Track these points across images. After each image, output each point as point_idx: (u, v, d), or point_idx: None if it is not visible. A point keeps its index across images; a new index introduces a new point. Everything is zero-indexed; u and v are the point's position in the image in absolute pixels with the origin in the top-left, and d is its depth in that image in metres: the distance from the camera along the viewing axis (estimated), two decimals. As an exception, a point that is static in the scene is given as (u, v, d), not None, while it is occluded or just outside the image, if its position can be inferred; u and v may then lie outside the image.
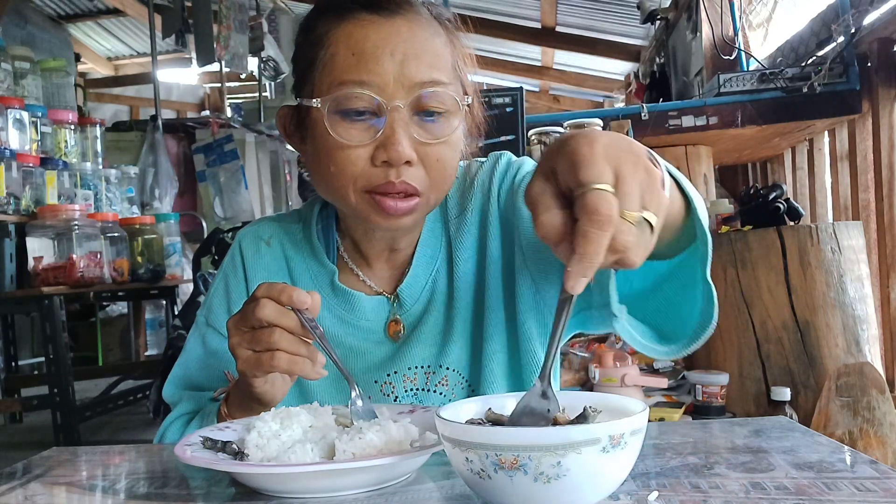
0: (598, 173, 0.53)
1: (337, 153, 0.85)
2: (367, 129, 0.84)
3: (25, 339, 5.32)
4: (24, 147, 3.65)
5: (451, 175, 0.90)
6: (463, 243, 0.99)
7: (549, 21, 5.99)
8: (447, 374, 0.96)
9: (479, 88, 0.97)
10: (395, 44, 0.84)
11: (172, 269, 4.28)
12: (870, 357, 2.21)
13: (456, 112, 0.87)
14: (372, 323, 0.97)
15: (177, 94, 8.89)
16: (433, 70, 0.85)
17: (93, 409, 3.77)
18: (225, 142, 5.23)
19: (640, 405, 0.59)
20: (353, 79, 0.83)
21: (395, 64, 0.83)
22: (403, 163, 0.84)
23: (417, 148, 0.85)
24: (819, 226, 2.24)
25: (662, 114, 2.89)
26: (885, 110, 2.54)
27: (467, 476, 0.57)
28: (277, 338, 0.75)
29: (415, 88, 0.84)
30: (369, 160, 0.85)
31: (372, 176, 0.85)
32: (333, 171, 0.86)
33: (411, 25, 0.86)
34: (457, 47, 0.92)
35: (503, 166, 1.00)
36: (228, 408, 0.87)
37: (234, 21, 5.29)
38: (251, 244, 1.02)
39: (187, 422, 0.96)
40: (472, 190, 1.00)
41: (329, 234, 1.01)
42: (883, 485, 0.59)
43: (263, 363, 0.76)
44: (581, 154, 0.54)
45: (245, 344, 0.77)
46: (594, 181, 0.53)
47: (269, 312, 0.75)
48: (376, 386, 0.96)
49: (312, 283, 0.99)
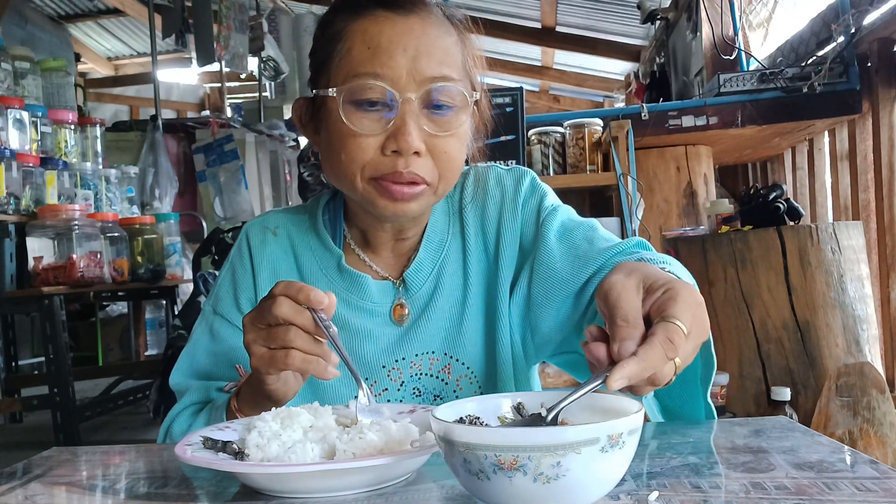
0: (681, 315, 0.64)
1: (349, 140, 0.88)
2: (379, 120, 0.88)
3: (25, 339, 5.32)
4: (24, 147, 3.66)
5: (457, 167, 0.93)
6: (475, 236, 1.02)
7: (550, 21, 5.99)
8: (451, 363, 0.99)
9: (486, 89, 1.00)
10: (409, 40, 0.87)
11: (172, 269, 4.28)
12: (870, 357, 2.21)
13: (464, 107, 0.91)
14: (378, 306, 0.99)
15: (177, 94, 8.89)
16: (444, 66, 0.89)
17: (93, 409, 3.78)
18: (225, 142, 5.22)
19: (636, 405, 0.60)
20: (367, 71, 0.87)
21: (408, 59, 0.87)
22: (412, 153, 0.87)
23: (426, 140, 0.88)
24: (819, 226, 2.24)
25: (662, 114, 2.89)
26: (885, 110, 2.54)
27: (465, 477, 0.57)
28: (293, 336, 0.76)
29: (426, 83, 0.87)
30: (379, 149, 0.88)
31: (380, 164, 0.88)
32: (343, 159, 0.90)
33: (424, 23, 0.89)
34: (467, 47, 0.95)
35: (528, 186, 1.03)
36: (239, 403, 0.88)
37: (234, 21, 5.29)
38: (258, 234, 1.05)
39: (195, 412, 0.97)
40: (494, 191, 1.04)
41: (336, 223, 1.03)
42: (883, 485, 0.59)
43: (278, 361, 0.77)
44: (683, 299, 0.65)
45: (260, 341, 0.78)
46: (676, 318, 0.63)
47: (285, 310, 0.76)
48: (384, 371, 0.98)
49: (319, 268, 1.01)
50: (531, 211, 1.01)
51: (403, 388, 0.98)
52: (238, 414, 0.87)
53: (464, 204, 1.04)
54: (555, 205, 1.02)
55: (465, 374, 0.99)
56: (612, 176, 2.70)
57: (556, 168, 2.84)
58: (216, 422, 0.89)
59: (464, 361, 0.99)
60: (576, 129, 2.81)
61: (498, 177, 1.05)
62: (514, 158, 2.72)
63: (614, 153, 2.67)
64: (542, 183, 1.05)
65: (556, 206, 1.02)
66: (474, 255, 1.02)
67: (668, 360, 0.62)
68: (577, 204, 1.22)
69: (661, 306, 0.65)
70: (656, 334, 0.62)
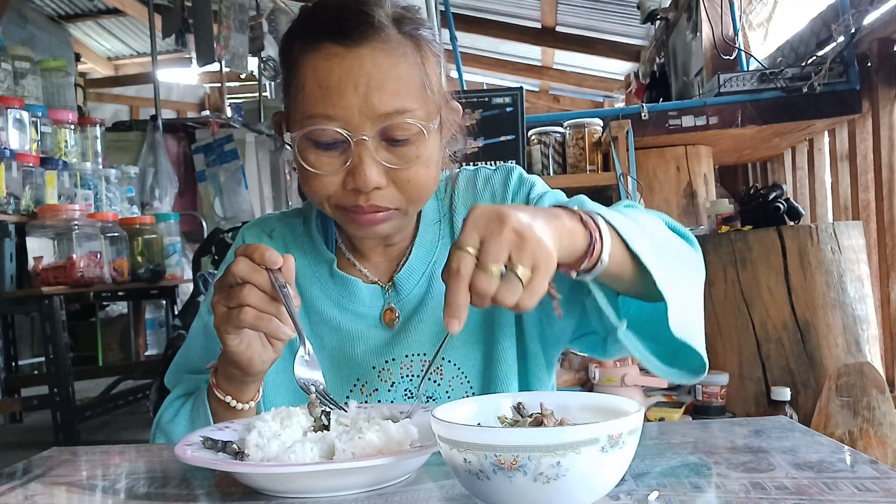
0: (463, 239, 0.66)
1: (311, 177, 0.89)
2: (338, 157, 0.88)
3: (25, 339, 5.32)
4: (24, 147, 3.65)
5: (426, 188, 0.92)
6: None
7: (549, 21, 5.99)
8: (443, 364, 0.99)
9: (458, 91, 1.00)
10: (359, 76, 0.85)
11: (172, 269, 4.28)
12: (870, 357, 2.21)
13: (424, 135, 0.88)
14: (368, 309, 1.00)
15: (177, 94, 8.88)
16: (398, 98, 0.86)
17: (93, 409, 3.77)
18: (225, 142, 5.23)
19: (634, 405, 0.60)
20: (319, 112, 0.86)
21: (359, 97, 0.85)
22: (372, 189, 0.87)
23: (387, 172, 0.88)
24: (819, 226, 2.24)
25: (662, 114, 2.89)
26: (885, 110, 2.54)
27: (465, 477, 0.57)
28: (246, 293, 0.79)
29: (379, 120, 0.86)
30: (341, 184, 0.89)
31: (343, 198, 0.89)
32: (309, 191, 0.92)
33: (375, 55, 0.86)
34: (427, 63, 0.91)
35: (516, 180, 1.04)
36: (217, 378, 0.90)
37: (234, 21, 5.29)
38: (254, 237, 1.07)
39: (183, 402, 0.98)
40: (483, 192, 1.04)
41: (328, 228, 1.05)
42: (883, 485, 0.59)
43: (232, 318, 0.80)
44: (472, 214, 0.67)
45: (222, 301, 0.81)
46: (460, 244, 0.66)
47: (241, 269, 0.79)
48: (374, 372, 0.98)
49: (312, 273, 1.02)
50: (521, 202, 1.02)
51: (394, 389, 0.98)
52: (216, 389, 0.89)
53: (454, 208, 1.04)
54: (542, 192, 1.02)
55: (456, 375, 0.99)
56: (612, 176, 2.70)
57: (556, 168, 2.84)
58: (199, 405, 0.92)
59: (455, 363, 0.99)
60: (576, 129, 2.81)
61: (486, 177, 1.05)
62: (513, 158, 2.73)
63: (614, 153, 2.67)
64: (530, 175, 1.05)
65: (544, 192, 1.02)
66: None
67: (455, 282, 0.65)
68: (577, 204, 1.22)
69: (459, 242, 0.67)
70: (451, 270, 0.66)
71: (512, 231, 0.65)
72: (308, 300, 1.01)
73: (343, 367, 0.99)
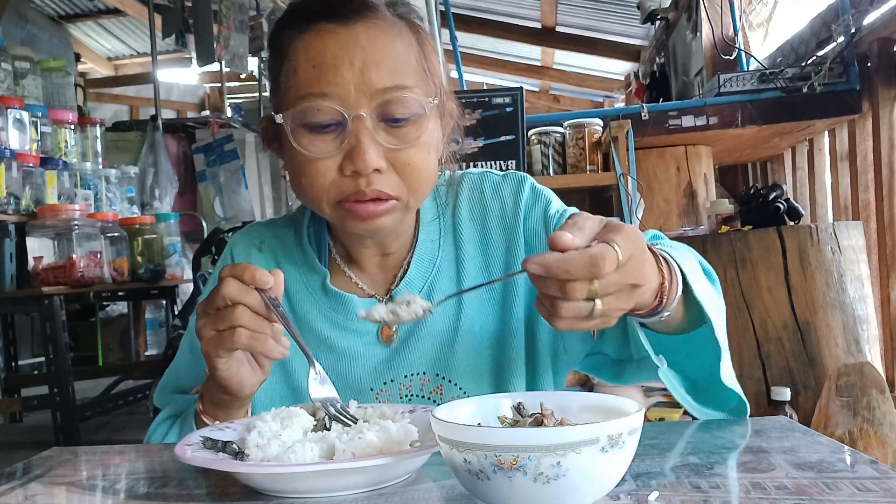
0: (624, 251, 0.63)
1: (306, 166, 0.85)
2: (334, 140, 0.84)
3: (25, 339, 5.32)
4: (24, 147, 3.65)
5: (427, 177, 0.88)
6: (474, 253, 0.97)
7: (550, 21, 5.99)
8: (443, 383, 0.95)
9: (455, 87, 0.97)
10: (354, 52, 0.82)
11: (172, 269, 4.28)
12: (870, 357, 2.21)
13: (423, 115, 0.85)
14: (364, 325, 0.95)
15: (177, 94, 8.89)
16: (395, 75, 0.83)
17: (93, 409, 3.78)
18: (225, 142, 5.23)
19: (634, 405, 0.60)
20: (314, 91, 0.82)
21: (355, 72, 0.82)
22: (372, 171, 0.83)
23: (387, 154, 0.84)
24: (819, 226, 2.24)
25: (662, 114, 2.89)
26: (885, 110, 2.54)
27: (465, 477, 0.57)
28: (239, 314, 0.75)
29: (377, 95, 0.82)
30: (338, 170, 0.84)
31: (342, 186, 0.84)
32: (305, 184, 0.86)
33: (370, 31, 0.84)
34: (424, 46, 0.89)
35: (528, 193, 0.98)
36: (203, 403, 0.86)
37: (234, 21, 5.29)
38: (243, 250, 1.02)
39: (171, 424, 0.96)
40: (492, 204, 0.99)
41: (321, 238, 1.00)
42: (883, 485, 0.59)
43: (224, 340, 0.76)
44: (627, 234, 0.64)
45: (210, 325, 0.77)
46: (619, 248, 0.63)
47: (231, 290, 0.76)
48: (372, 394, 0.94)
49: (304, 288, 0.98)
50: (536, 221, 0.97)
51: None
52: (203, 415, 0.86)
53: (459, 218, 0.99)
54: (560, 209, 0.97)
55: (458, 395, 0.94)
56: (612, 176, 2.70)
57: (556, 168, 2.84)
58: (186, 430, 0.88)
59: (457, 382, 0.94)
60: (576, 129, 2.81)
61: (494, 185, 0.99)
62: (513, 158, 2.73)
63: (614, 153, 2.67)
64: (543, 187, 1.00)
65: (562, 210, 0.97)
66: (471, 273, 0.97)
67: (590, 274, 0.61)
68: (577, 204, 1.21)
69: (605, 236, 0.64)
70: (590, 248, 0.62)
71: (631, 277, 0.65)
72: (300, 316, 0.96)
73: (338, 390, 0.94)
